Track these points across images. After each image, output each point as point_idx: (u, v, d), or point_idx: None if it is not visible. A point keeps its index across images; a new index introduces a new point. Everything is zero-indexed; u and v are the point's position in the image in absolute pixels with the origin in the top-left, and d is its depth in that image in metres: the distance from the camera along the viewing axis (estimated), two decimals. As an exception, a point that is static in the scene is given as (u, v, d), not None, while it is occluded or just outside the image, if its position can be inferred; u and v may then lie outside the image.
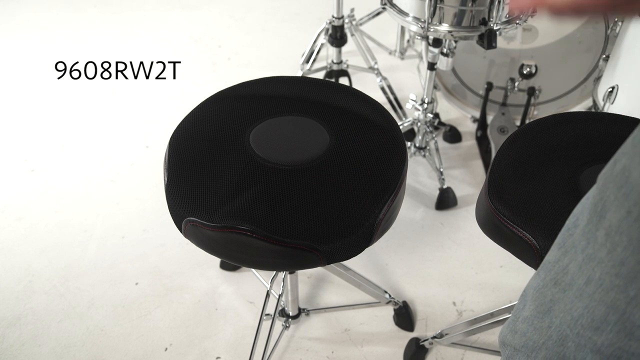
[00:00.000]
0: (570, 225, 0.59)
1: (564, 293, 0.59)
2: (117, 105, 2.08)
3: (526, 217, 0.80)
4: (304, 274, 1.48)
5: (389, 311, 1.39)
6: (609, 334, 0.54)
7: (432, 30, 1.32)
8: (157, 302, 1.42)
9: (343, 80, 2.02)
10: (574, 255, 0.57)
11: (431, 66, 1.49)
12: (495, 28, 1.30)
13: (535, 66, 1.71)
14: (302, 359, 1.30)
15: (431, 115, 1.63)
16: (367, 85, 2.12)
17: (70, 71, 2.25)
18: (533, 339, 0.65)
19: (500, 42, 1.74)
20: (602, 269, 0.52)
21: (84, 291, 1.44)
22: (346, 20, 1.86)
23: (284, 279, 1.19)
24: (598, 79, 1.48)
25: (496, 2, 1.26)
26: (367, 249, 0.81)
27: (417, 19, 1.33)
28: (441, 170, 1.64)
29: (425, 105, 1.62)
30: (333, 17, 1.82)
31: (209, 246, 0.80)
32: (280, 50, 2.37)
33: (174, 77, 2.22)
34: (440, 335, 1.24)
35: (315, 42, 2.00)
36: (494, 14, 1.28)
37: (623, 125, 0.94)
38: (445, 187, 1.64)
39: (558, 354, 0.62)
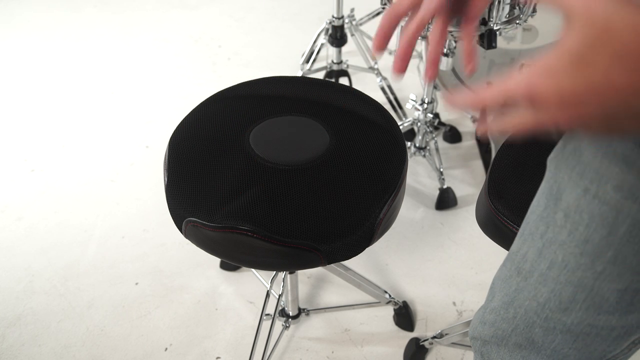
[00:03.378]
0: (527, 214, 0.60)
1: (526, 281, 0.60)
2: (117, 105, 2.08)
3: (526, 217, 0.80)
4: (304, 274, 1.48)
5: (389, 311, 1.39)
6: (578, 312, 0.55)
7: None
8: (157, 302, 1.42)
9: (343, 80, 2.02)
10: (532, 242, 0.58)
11: (431, 66, 1.49)
12: (495, 28, 1.30)
13: (535, 66, 1.71)
14: (302, 359, 1.30)
15: (431, 115, 1.63)
16: (367, 85, 2.12)
17: (71, 71, 2.25)
18: (502, 328, 0.66)
19: (500, 42, 1.73)
20: (564, 250, 0.53)
21: (84, 291, 1.44)
22: (346, 20, 1.86)
23: (284, 279, 1.19)
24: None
25: (496, 2, 1.26)
26: (367, 249, 0.81)
27: (417, 19, 1.33)
28: (441, 170, 1.64)
29: (425, 105, 1.62)
30: (333, 17, 1.82)
31: (209, 246, 0.80)
32: (280, 50, 2.37)
33: (174, 77, 2.22)
34: (440, 335, 1.24)
35: (315, 42, 2.00)
36: (494, 14, 1.28)
37: (623, 125, 0.94)
38: (445, 187, 1.64)
39: (527, 339, 0.63)
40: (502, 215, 0.82)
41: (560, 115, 0.39)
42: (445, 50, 1.45)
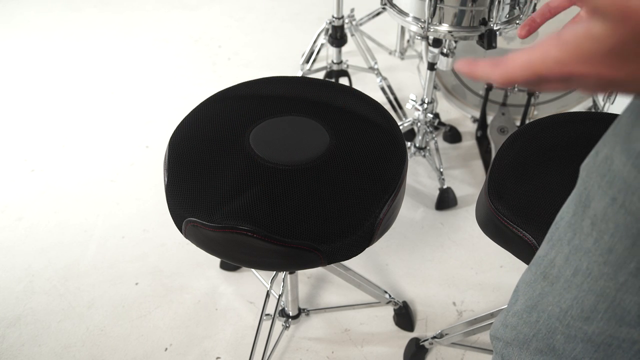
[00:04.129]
0: (557, 220, 0.59)
1: (552, 286, 0.59)
2: (117, 105, 2.08)
3: (526, 217, 0.80)
4: (304, 274, 1.48)
5: (389, 311, 1.39)
6: (599, 322, 0.55)
7: (432, 30, 1.32)
8: (157, 302, 1.42)
9: (343, 80, 2.02)
10: (560, 248, 0.57)
11: (431, 66, 1.49)
12: (495, 28, 1.30)
13: (535, 66, 1.71)
14: (302, 359, 1.30)
15: (431, 115, 1.63)
16: (367, 85, 2.12)
17: (71, 71, 2.25)
18: (523, 332, 0.65)
19: (500, 42, 1.74)
20: (589, 258, 0.53)
21: (84, 291, 1.44)
22: (346, 20, 1.86)
23: (284, 279, 1.19)
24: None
25: (496, 2, 1.26)
26: (367, 249, 0.81)
27: (417, 19, 1.33)
28: (441, 170, 1.64)
29: (425, 105, 1.62)
30: (333, 17, 1.82)
31: (209, 246, 0.80)
32: (280, 50, 2.37)
33: (174, 77, 2.22)
34: (440, 335, 1.24)
35: (315, 42, 2.00)
36: (494, 14, 1.28)
37: (623, 125, 0.94)
38: (445, 187, 1.64)
39: (548, 346, 0.62)
40: (502, 215, 0.82)
41: (596, 89, 0.39)
42: (445, 50, 1.46)
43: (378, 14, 2.03)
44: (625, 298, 0.52)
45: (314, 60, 2.03)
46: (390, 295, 1.34)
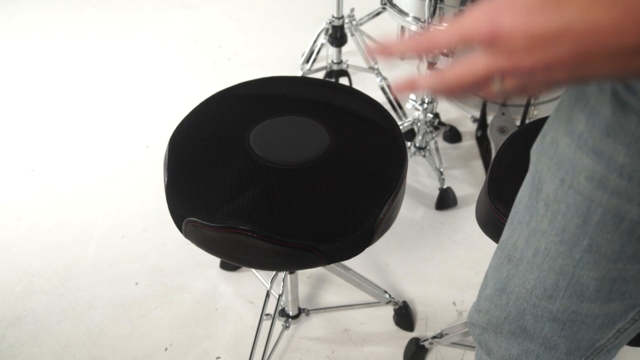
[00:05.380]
0: (516, 203, 0.61)
1: (516, 268, 0.61)
2: (117, 105, 2.08)
3: (526, 217, 0.80)
4: (304, 274, 1.48)
5: (389, 311, 1.39)
6: (562, 299, 0.56)
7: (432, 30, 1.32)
8: (157, 302, 1.42)
9: (343, 80, 2.02)
10: (520, 230, 0.59)
11: (431, 66, 1.49)
12: (495, 28, 1.30)
13: (535, 66, 1.71)
14: (302, 359, 1.30)
15: (431, 115, 1.63)
16: (367, 85, 2.12)
17: (71, 71, 2.25)
18: (495, 315, 0.67)
19: (500, 42, 1.73)
20: (546, 239, 0.54)
21: (84, 291, 1.44)
22: (346, 20, 1.86)
23: (284, 279, 1.19)
24: (598, 79, 1.48)
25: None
26: (367, 249, 0.81)
27: (417, 19, 1.33)
28: (441, 170, 1.64)
29: (425, 105, 1.62)
30: (333, 17, 1.82)
31: (209, 246, 0.80)
32: (280, 50, 2.37)
33: (174, 77, 2.22)
34: (440, 335, 1.24)
35: (315, 42, 2.00)
36: (494, 14, 1.28)
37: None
38: (445, 187, 1.64)
39: (520, 327, 0.64)
40: (502, 215, 0.82)
41: (526, 59, 0.35)
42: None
43: (378, 14, 2.03)
44: (582, 274, 0.53)
45: (314, 60, 2.03)
46: (390, 295, 1.34)
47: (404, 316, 1.35)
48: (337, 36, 1.86)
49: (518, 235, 0.59)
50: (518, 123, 1.81)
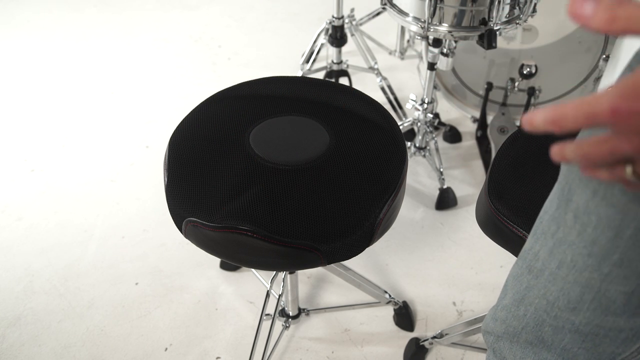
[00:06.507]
0: (541, 214, 0.60)
1: (536, 279, 0.60)
2: (117, 105, 2.08)
3: (526, 217, 0.80)
4: (304, 274, 1.48)
5: (389, 311, 1.39)
6: (586, 312, 0.56)
7: (432, 30, 1.32)
8: (157, 302, 1.42)
9: (343, 80, 2.02)
10: (544, 241, 0.58)
11: (431, 66, 1.49)
12: (495, 28, 1.30)
13: (535, 66, 1.71)
14: (302, 359, 1.30)
15: (431, 115, 1.63)
16: (367, 85, 2.12)
17: (71, 71, 2.25)
18: (513, 325, 0.66)
19: (500, 42, 1.74)
20: (573, 250, 0.54)
21: (84, 291, 1.44)
22: (346, 20, 1.86)
23: (284, 279, 1.19)
24: (598, 79, 1.48)
25: (496, 2, 1.26)
26: (367, 249, 0.81)
27: (417, 19, 1.33)
28: (441, 170, 1.64)
29: (425, 105, 1.62)
30: (333, 17, 1.82)
31: (209, 246, 0.80)
32: (280, 50, 2.37)
33: (174, 77, 2.22)
34: (440, 335, 1.24)
35: (315, 42, 2.00)
36: (494, 14, 1.28)
37: (623, 125, 0.94)
38: (445, 187, 1.64)
39: (537, 337, 0.63)
40: (502, 215, 0.82)
41: None
42: (445, 51, 1.46)
43: (378, 14, 2.03)
44: (610, 288, 0.52)
45: (314, 60, 2.03)
46: (390, 295, 1.34)
47: (404, 316, 1.35)
48: (337, 36, 1.86)
49: (540, 245, 0.59)
50: (518, 123, 1.81)
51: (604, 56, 1.48)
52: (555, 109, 0.37)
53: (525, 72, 1.72)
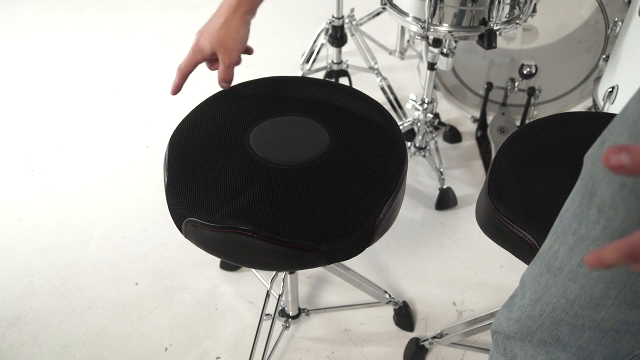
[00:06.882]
0: (562, 212, 0.60)
1: (555, 278, 0.60)
2: (117, 105, 2.08)
3: (526, 217, 0.80)
4: (304, 274, 1.48)
5: (389, 311, 1.39)
6: (609, 308, 0.55)
7: (432, 30, 1.32)
8: (157, 302, 1.42)
9: (343, 80, 2.02)
10: (564, 239, 0.58)
11: (431, 66, 1.49)
12: (495, 28, 1.30)
13: (535, 66, 1.71)
14: (302, 359, 1.30)
15: (431, 115, 1.63)
16: (367, 85, 2.12)
17: (71, 71, 2.25)
18: (527, 324, 0.66)
19: (500, 42, 1.74)
20: (597, 246, 0.53)
21: (84, 291, 1.44)
22: (346, 20, 1.86)
23: (284, 279, 1.19)
24: (598, 79, 1.48)
25: (496, 2, 1.26)
26: (367, 249, 0.81)
27: (417, 19, 1.33)
28: (441, 170, 1.64)
29: (425, 105, 1.62)
30: (333, 17, 1.82)
31: (209, 246, 0.80)
32: (280, 50, 2.37)
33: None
34: (440, 335, 1.24)
35: (315, 42, 2.00)
36: (494, 14, 1.28)
37: (623, 125, 0.94)
38: (445, 187, 1.64)
39: (553, 337, 0.63)
40: (502, 215, 0.82)
41: None
42: (445, 51, 1.46)
43: (378, 14, 2.03)
44: (637, 282, 0.52)
45: (314, 60, 2.03)
46: (390, 295, 1.34)
47: (404, 316, 1.35)
48: (337, 36, 1.86)
49: (560, 244, 0.58)
50: (518, 123, 1.81)
51: (604, 56, 1.48)
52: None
53: (525, 72, 1.72)
